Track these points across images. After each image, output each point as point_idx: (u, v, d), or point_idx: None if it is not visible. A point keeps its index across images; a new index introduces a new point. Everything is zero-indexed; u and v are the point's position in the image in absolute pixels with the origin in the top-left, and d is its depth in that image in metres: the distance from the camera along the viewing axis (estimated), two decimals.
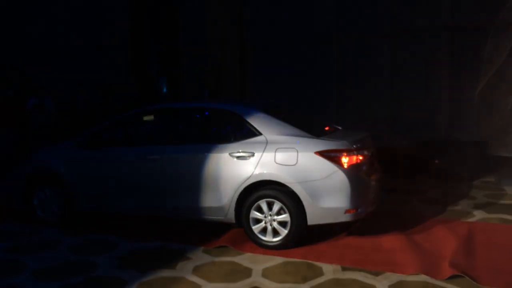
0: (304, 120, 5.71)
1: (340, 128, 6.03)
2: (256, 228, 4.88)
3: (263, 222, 4.87)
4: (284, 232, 4.77)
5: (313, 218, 4.75)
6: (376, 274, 4.14)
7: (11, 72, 10.75)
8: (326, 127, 5.64)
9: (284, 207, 4.76)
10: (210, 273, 4.24)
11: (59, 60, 12.15)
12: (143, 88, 9.98)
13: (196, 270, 4.31)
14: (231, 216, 5.02)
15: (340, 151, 4.76)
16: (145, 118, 6.34)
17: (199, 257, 4.65)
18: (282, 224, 4.79)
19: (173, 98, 10.18)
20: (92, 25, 11.93)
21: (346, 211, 4.72)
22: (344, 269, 4.27)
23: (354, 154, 4.81)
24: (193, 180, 5.10)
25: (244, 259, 4.58)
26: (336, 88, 10.78)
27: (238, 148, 4.98)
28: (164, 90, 10.63)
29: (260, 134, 5.00)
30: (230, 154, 4.97)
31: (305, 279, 4.07)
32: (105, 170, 5.50)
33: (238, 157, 4.94)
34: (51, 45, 12.23)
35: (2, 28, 12.17)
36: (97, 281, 4.13)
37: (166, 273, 4.27)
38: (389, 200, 6.60)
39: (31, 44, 12.32)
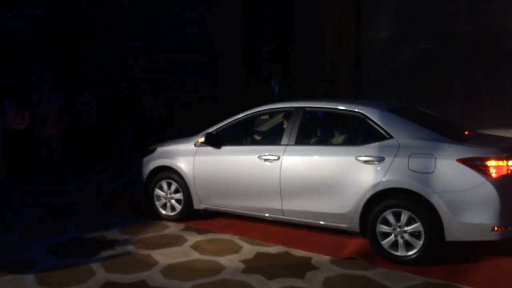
0: (441, 123, 5.16)
1: (482, 133, 5.37)
2: (385, 243, 4.45)
3: (393, 235, 4.42)
4: (418, 244, 4.29)
5: (452, 233, 4.22)
6: None
7: (124, 72, 11.20)
8: (465, 131, 5.04)
9: (414, 215, 4.28)
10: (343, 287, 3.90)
11: (171, 60, 12.42)
12: (256, 88, 9.92)
13: (327, 283, 4.00)
14: (355, 224, 4.66)
15: (487, 160, 4.17)
16: (264, 117, 6.23)
17: (327, 267, 4.34)
18: (415, 235, 4.31)
19: (286, 99, 10.03)
20: (204, 28, 12.10)
21: (494, 229, 4.12)
22: None
23: (504, 164, 4.18)
24: (315, 183, 4.81)
25: (378, 274, 4.17)
26: (462, 87, 9.88)
27: (366, 151, 4.59)
28: (277, 89, 10.53)
29: (391, 137, 4.56)
30: (356, 158, 4.60)
31: None
32: (224, 169, 5.39)
33: (365, 161, 4.55)
34: (163, 46, 12.49)
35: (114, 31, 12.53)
36: (226, 285, 3.98)
37: (295, 282, 4.02)
38: None
39: (144, 44, 12.63)
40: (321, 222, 4.89)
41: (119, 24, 11.69)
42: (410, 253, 4.34)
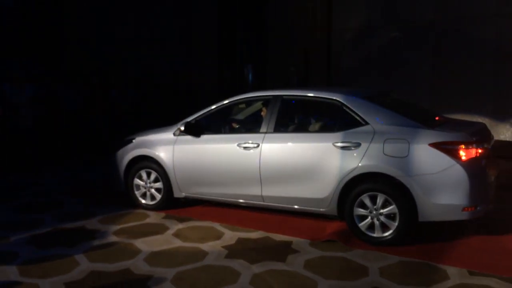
0: (413, 110, 5.34)
1: (452, 118, 5.60)
2: (362, 225, 4.63)
3: (369, 217, 4.60)
4: (393, 225, 4.48)
5: (425, 214, 4.42)
6: (511, 281, 3.74)
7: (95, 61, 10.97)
8: (436, 117, 5.24)
9: (389, 198, 4.47)
10: (323, 269, 4.05)
11: (143, 49, 12.26)
12: (229, 76, 9.94)
13: (307, 265, 4.14)
14: (333, 208, 4.82)
15: (458, 143, 4.37)
16: (241, 106, 6.29)
17: (307, 250, 4.48)
18: (390, 217, 4.50)
19: (259, 86, 10.10)
20: (180, 13, 11.99)
21: (464, 209, 4.35)
22: (471, 273, 3.91)
23: (473, 147, 4.39)
24: (294, 169, 4.93)
25: (355, 255, 4.34)
26: (430, 76, 10.19)
27: (342, 138, 4.73)
28: (250, 77, 10.58)
29: (367, 123, 4.71)
30: (333, 144, 4.74)
31: (429, 283, 3.77)
32: (204, 157, 5.45)
33: (342, 147, 4.70)
34: (137, 35, 12.35)
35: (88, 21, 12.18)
36: (210, 270, 4.07)
37: (277, 265, 4.14)
38: (504, 198, 6.05)
39: (118, 33, 12.45)
40: (300, 207, 5.03)
41: (93, 13, 11.44)
42: (386, 234, 4.53)
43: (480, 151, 4.45)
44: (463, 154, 4.34)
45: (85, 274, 4.02)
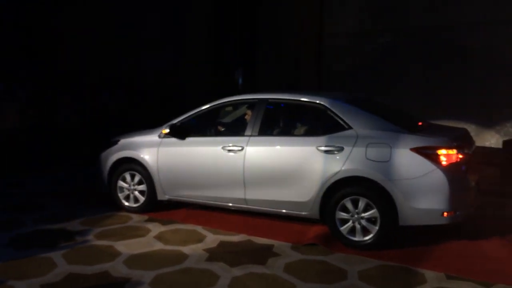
0: (396, 114, 5.37)
1: (434, 123, 5.64)
2: (344, 229, 4.64)
3: (351, 221, 4.61)
4: (374, 229, 4.49)
5: (405, 218, 4.44)
6: (486, 285, 3.77)
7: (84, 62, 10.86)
8: (419, 122, 5.28)
9: (370, 202, 4.48)
10: (303, 272, 4.05)
11: (132, 50, 12.13)
12: (219, 79, 9.93)
13: (287, 268, 4.14)
14: (315, 211, 4.83)
15: (438, 148, 4.40)
16: (228, 109, 6.30)
17: (288, 254, 4.48)
18: (371, 221, 4.51)
19: (250, 90, 10.10)
20: (171, 15, 11.93)
21: (444, 213, 4.37)
22: (449, 277, 3.92)
23: (454, 152, 4.42)
24: (278, 173, 4.94)
25: (336, 259, 4.35)
26: (420, 81, 10.25)
27: (326, 141, 4.75)
28: (240, 81, 10.58)
29: (350, 127, 4.73)
30: (317, 148, 4.75)
31: (407, 286, 3.77)
32: (188, 160, 5.44)
33: (325, 151, 4.71)
34: (125, 35, 12.16)
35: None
36: (189, 273, 4.05)
37: (257, 268, 4.13)
38: (486, 203, 6.09)
39: (106, 34, 12.25)
40: (283, 211, 5.03)
41: (78, 10, 11.33)
42: (367, 238, 4.54)
43: (460, 156, 4.47)
44: (443, 159, 4.36)
45: (63, 276, 3.98)
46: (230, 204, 5.31)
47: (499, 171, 7.86)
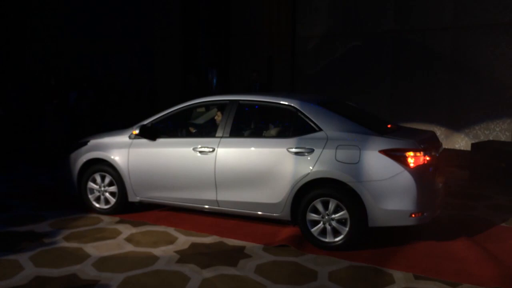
0: (365, 117, 5.46)
1: (403, 126, 5.75)
2: (315, 230, 4.68)
3: (321, 223, 4.66)
4: (344, 230, 4.55)
5: (374, 220, 4.51)
6: (453, 285, 3.86)
7: (54, 61, 10.67)
8: (388, 124, 5.37)
9: (340, 204, 4.54)
10: (273, 273, 4.07)
11: (104, 49, 11.97)
12: (194, 80, 9.90)
13: (258, 270, 4.15)
14: (286, 213, 4.86)
15: (406, 151, 4.49)
16: (200, 110, 6.28)
17: (260, 255, 4.49)
18: (342, 222, 4.57)
19: (223, 91, 10.08)
20: (143, 15, 11.84)
21: (412, 215, 4.46)
22: (416, 277, 4.00)
23: (421, 154, 4.51)
24: (249, 174, 4.95)
25: (307, 260, 4.38)
26: (390, 85, 10.44)
27: (297, 143, 4.79)
28: (215, 82, 10.57)
29: (320, 130, 4.78)
30: (287, 150, 4.79)
31: (375, 287, 3.84)
32: (159, 161, 5.39)
33: (296, 153, 4.75)
34: (96, 35, 12.00)
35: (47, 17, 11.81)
36: (159, 275, 4.02)
37: (227, 270, 4.13)
38: (454, 205, 6.25)
39: (76, 32, 12.04)
40: (255, 212, 5.04)
41: (49, 9, 11.12)
42: (337, 239, 4.59)
43: (428, 158, 4.57)
44: (411, 161, 4.45)
45: (29, 279, 3.89)
46: (203, 206, 5.28)
47: (467, 173, 8.10)
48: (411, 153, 4.46)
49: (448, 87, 9.83)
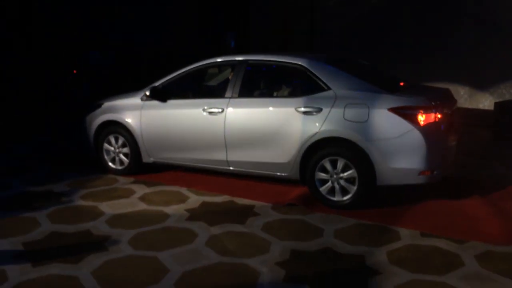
0: (377, 75, 5.34)
1: (417, 84, 5.60)
2: (323, 189, 4.69)
3: (330, 182, 4.66)
4: (353, 189, 4.54)
5: (383, 178, 4.48)
6: (460, 242, 3.84)
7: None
8: (401, 82, 5.23)
9: (349, 163, 4.51)
10: (280, 231, 4.13)
11: (124, 14, 11.95)
12: (211, 42, 9.82)
13: (265, 227, 4.22)
14: (295, 172, 4.87)
15: (416, 108, 4.38)
16: (210, 71, 6.26)
17: (268, 213, 4.55)
18: (350, 181, 4.56)
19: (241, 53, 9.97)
20: None
21: (421, 173, 4.40)
22: (423, 235, 4.00)
23: (432, 112, 4.39)
24: (258, 134, 4.95)
25: (315, 218, 4.42)
26: (413, 45, 10.14)
27: (305, 103, 4.74)
28: (232, 44, 10.46)
29: (329, 88, 4.71)
30: (296, 109, 4.75)
31: (380, 243, 3.85)
32: (170, 122, 5.44)
33: (304, 113, 4.71)
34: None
35: None
36: (168, 231, 4.14)
37: (235, 227, 4.21)
38: (468, 164, 6.14)
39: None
40: (264, 172, 5.07)
41: None
42: (345, 198, 4.60)
43: (439, 116, 4.46)
44: (421, 119, 4.36)
45: (45, 234, 4.07)
46: (212, 166, 5.35)
47: (490, 133, 7.90)
48: (421, 111, 4.36)
49: (472, 47, 9.48)
